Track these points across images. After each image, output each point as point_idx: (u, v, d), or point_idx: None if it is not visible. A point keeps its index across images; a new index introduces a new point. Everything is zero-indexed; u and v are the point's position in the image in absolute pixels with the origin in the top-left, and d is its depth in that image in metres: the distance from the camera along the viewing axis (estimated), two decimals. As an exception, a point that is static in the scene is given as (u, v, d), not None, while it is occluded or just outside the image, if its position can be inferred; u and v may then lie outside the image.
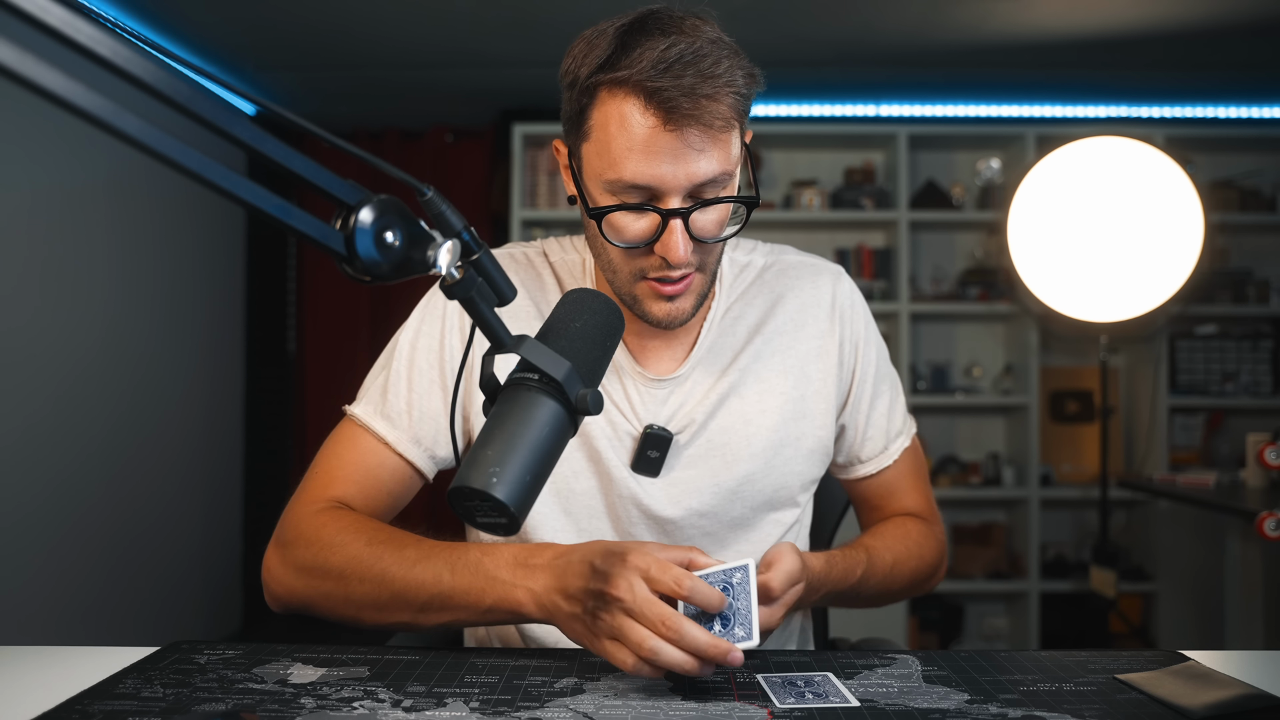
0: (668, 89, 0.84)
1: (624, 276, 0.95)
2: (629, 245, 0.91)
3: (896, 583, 1.07)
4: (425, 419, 1.02)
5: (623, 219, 0.91)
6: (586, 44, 0.90)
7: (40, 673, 0.82)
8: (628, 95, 0.86)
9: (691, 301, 0.96)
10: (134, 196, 3.12)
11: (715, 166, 0.88)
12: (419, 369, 1.03)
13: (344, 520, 0.95)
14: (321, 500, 0.98)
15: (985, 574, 3.59)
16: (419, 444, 1.02)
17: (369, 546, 0.91)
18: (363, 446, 1.01)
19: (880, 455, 1.12)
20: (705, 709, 0.74)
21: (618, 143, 0.87)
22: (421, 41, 3.28)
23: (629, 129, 0.86)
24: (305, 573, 0.94)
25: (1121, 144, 2.75)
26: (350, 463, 1.01)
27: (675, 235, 0.88)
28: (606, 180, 0.89)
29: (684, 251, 0.89)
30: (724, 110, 0.87)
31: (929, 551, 1.11)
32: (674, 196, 0.88)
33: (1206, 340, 3.66)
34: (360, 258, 0.57)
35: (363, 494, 1.00)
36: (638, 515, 1.02)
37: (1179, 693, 0.77)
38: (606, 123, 0.88)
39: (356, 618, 0.93)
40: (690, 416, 1.03)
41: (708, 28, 0.89)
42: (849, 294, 1.11)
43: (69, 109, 0.44)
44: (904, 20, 3.08)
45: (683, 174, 0.87)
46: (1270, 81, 3.63)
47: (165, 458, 3.32)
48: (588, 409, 0.68)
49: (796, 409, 1.05)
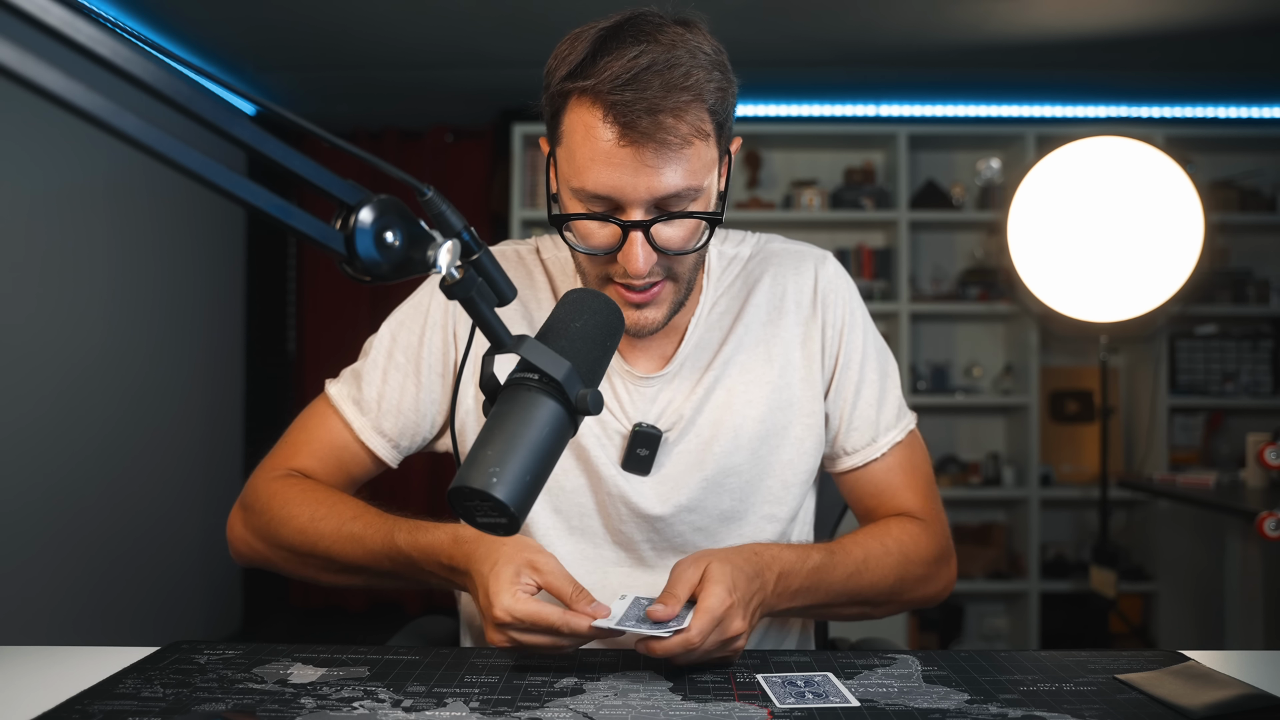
0: (630, 102, 0.84)
1: (592, 280, 0.96)
2: (592, 252, 0.92)
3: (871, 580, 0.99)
4: (392, 411, 1.06)
5: (586, 227, 0.91)
6: (568, 45, 0.89)
7: (40, 673, 0.82)
8: (592, 104, 0.86)
9: (662, 311, 0.96)
10: (134, 196, 3.12)
11: (678, 181, 0.87)
12: (395, 362, 1.06)
13: (296, 488, 1.02)
14: (282, 468, 1.05)
15: (985, 574, 3.59)
16: (383, 434, 1.06)
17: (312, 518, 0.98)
18: (330, 425, 1.07)
19: (867, 447, 1.07)
20: (705, 709, 0.74)
21: (582, 151, 0.87)
22: (421, 41, 3.28)
23: (592, 139, 0.86)
24: (262, 537, 1.03)
25: (1121, 144, 2.75)
26: (317, 439, 1.07)
27: (635, 247, 0.88)
28: (573, 187, 0.89)
29: (643, 263, 0.89)
30: (684, 128, 0.86)
31: (918, 549, 1.03)
32: (636, 209, 0.88)
33: (1206, 340, 3.66)
34: (360, 258, 0.57)
35: (323, 468, 1.06)
36: (628, 514, 1.02)
37: (1179, 693, 0.77)
38: (574, 130, 0.88)
39: (315, 578, 1.02)
40: (679, 413, 1.02)
41: (690, 34, 0.88)
42: (832, 278, 1.08)
43: (69, 109, 0.44)
44: (904, 20, 3.08)
45: (643, 188, 0.86)
46: (1270, 81, 3.63)
47: (165, 457, 3.32)
48: (588, 409, 0.68)
49: (782, 397, 1.04)
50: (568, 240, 0.93)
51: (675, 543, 1.03)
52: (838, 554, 0.98)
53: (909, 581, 1.03)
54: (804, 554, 0.95)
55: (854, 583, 0.98)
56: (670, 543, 1.03)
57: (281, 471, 1.05)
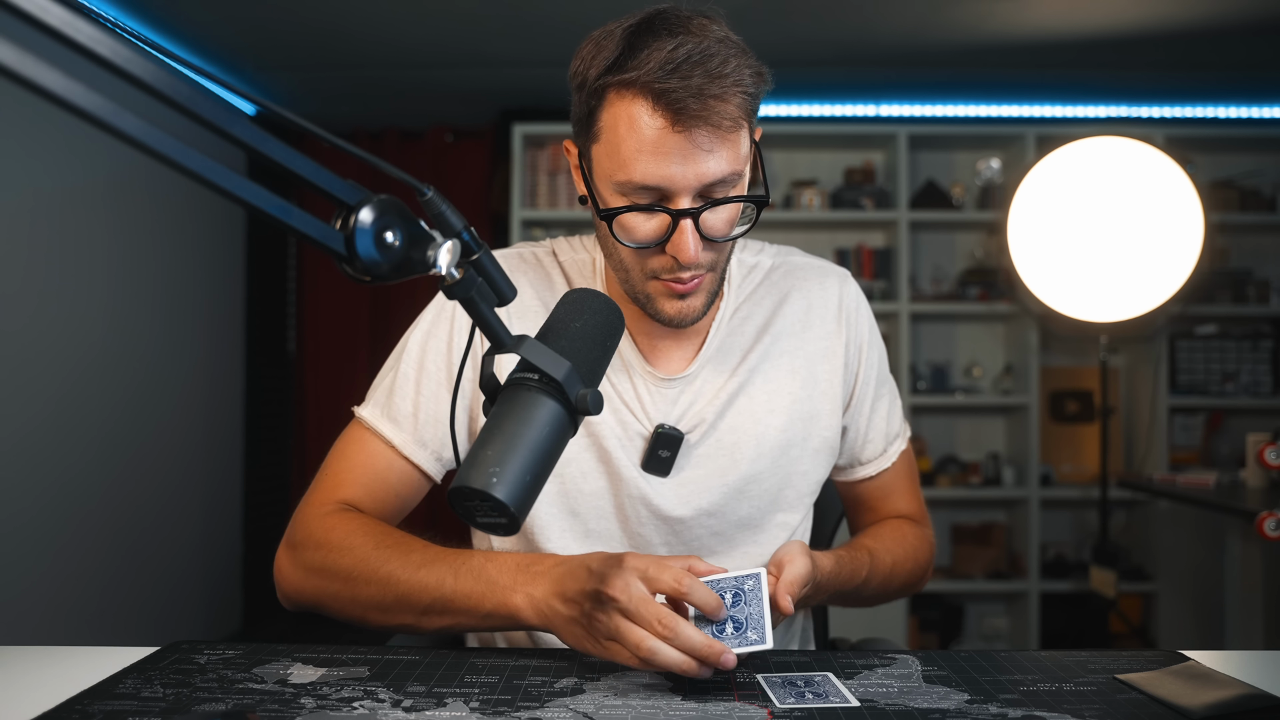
0: (675, 90, 0.84)
1: (636, 276, 0.96)
2: (640, 245, 0.92)
3: (894, 584, 1.09)
4: (431, 421, 1.02)
5: (633, 220, 0.91)
6: (595, 45, 0.90)
7: (40, 673, 0.82)
8: (636, 96, 0.86)
9: (703, 300, 0.96)
10: (134, 196, 3.12)
11: (725, 166, 0.88)
12: (427, 371, 1.03)
13: (351, 523, 0.96)
14: (330, 503, 1.00)
15: (985, 574, 3.59)
16: (425, 446, 1.02)
17: (375, 550, 0.92)
18: (369, 449, 1.02)
19: (880, 458, 1.14)
20: (705, 709, 0.74)
21: (627, 144, 0.87)
22: (421, 41, 3.28)
23: (638, 130, 0.86)
24: (314, 574, 0.95)
25: (1121, 144, 2.75)
26: (358, 465, 1.02)
27: (686, 235, 0.89)
28: (617, 181, 0.89)
29: (694, 251, 0.89)
30: (732, 110, 0.87)
31: (922, 554, 1.13)
32: (684, 197, 0.88)
33: (1206, 340, 3.66)
34: (360, 258, 0.57)
35: (370, 496, 1.01)
36: (647, 515, 1.02)
37: (1179, 693, 0.77)
38: (616, 124, 0.88)
39: (363, 618, 0.94)
40: (700, 416, 1.03)
41: (715, 27, 0.89)
42: (855, 297, 1.12)
43: (69, 109, 0.44)
44: (904, 20, 3.08)
45: (692, 174, 0.87)
46: (1270, 81, 3.63)
47: (165, 458, 3.32)
48: (588, 409, 0.68)
49: (804, 409, 1.06)
50: (615, 235, 0.92)
51: (693, 546, 1.04)
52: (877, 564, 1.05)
53: (913, 580, 1.13)
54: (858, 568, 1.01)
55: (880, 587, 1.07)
56: (688, 546, 1.04)
57: (330, 507, 0.99)
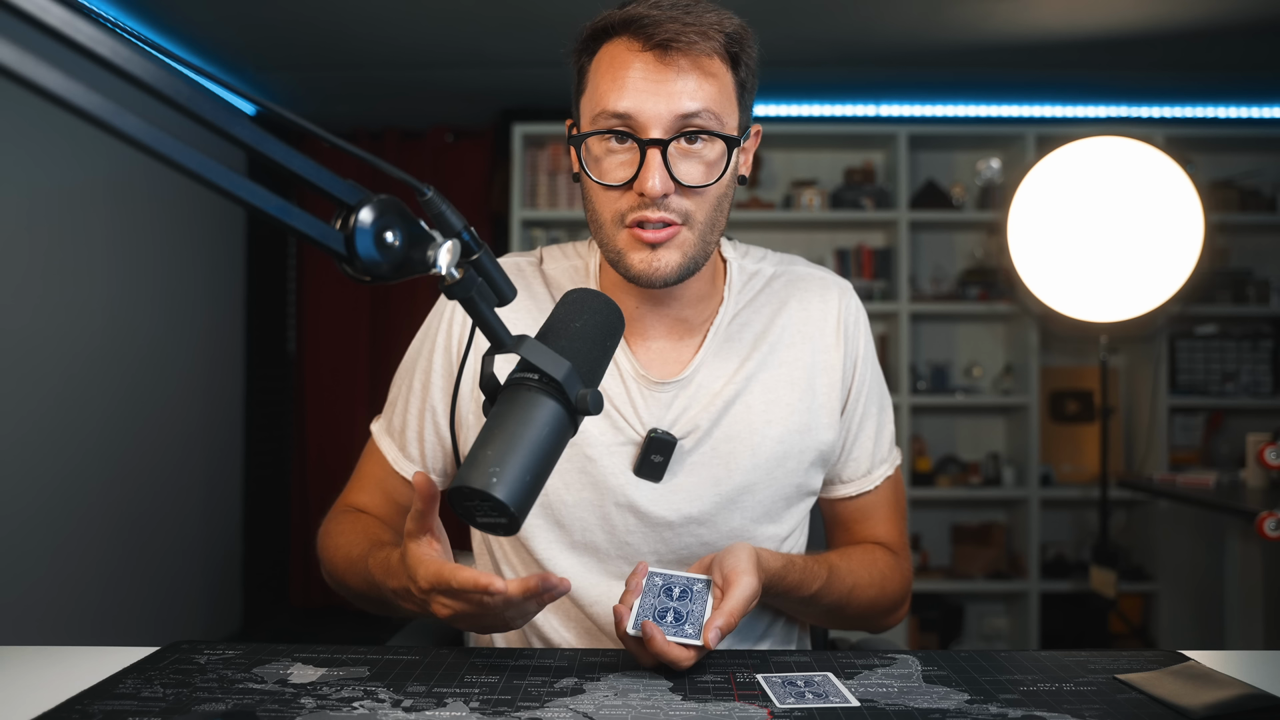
0: (650, 15, 0.89)
1: (609, 227, 0.94)
2: (610, 185, 0.92)
3: (853, 606, 1.04)
4: (415, 438, 1.08)
5: (604, 151, 0.92)
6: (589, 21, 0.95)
7: (40, 673, 0.82)
8: (618, 35, 0.91)
9: (676, 258, 0.93)
10: (134, 196, 3.12)
11: (697, 101, 0.89)
12: (414, 388, 1.09)
13: (345, 525, 1.05)
14: (345, 505, 1.11)
15: (985, 574, 3.59)
16: (412, 460, 1.08)
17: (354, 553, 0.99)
18: (374, 458, 1.11)
19: (862, 479, 1.11)
20: (705, 709, 0.74)
21: (605, 79, 0.91)
22: (421, 41, 3.28)
23: (616, 64, 0.91)
24: (325, 571, 1.07)
25: (1121, 144, 2.75)
26: (367, 474, 1.11)
27: (651, 167, 0.89)
28: (594, 115, 0.91)
29: (659, 184, 0.89)
30: (708, 46, 0.90)
31: (893, 585, 1.08)
32: (655, 127, 0.89)
33: (1206, 340, 3.66)
34: (360, 258, 0.57)
35: (375, 503, 1.10)
36: (635, 523, 1.00)
37: (1179, 693, 0.77)
38: (599, 66, 0.92)
39: (365, 609, 1.03)
40: (695, 421, 1.01)
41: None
42: (855, 311, 1.10)
43: (69, 109, 0.44)
44: (904, 20, 3.08)
45: (664, 104, 0.89)
46: (1270, 81, 3.63)
47: (165, 458, 3.32)
48: (588, 409, 0.68)
49: (802, 421, 1.04)
50: (586, 170, 0.93)
51: (682, 554, 1.02)
52: (835, 580, 1.01)
53: (878, 610, 1.08)
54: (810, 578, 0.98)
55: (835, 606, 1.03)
56: (677, 554, 1.02)
57: (342, 509, 1.10)
